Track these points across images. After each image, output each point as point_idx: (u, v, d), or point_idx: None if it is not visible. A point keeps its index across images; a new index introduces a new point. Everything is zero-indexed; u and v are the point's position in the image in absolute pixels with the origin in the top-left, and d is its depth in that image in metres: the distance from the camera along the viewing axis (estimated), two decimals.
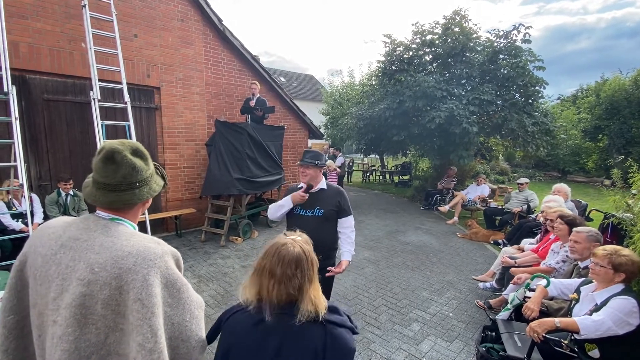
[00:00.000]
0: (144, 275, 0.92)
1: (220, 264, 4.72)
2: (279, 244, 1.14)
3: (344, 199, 2.48)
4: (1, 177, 4.18)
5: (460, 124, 7.33)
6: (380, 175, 14.96)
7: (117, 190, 1.01)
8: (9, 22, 3.96)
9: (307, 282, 1.11)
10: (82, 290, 0.90)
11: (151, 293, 0.92)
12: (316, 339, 1.07)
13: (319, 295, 1.14)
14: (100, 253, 0.94)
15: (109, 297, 0.91)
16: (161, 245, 1.03)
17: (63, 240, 0.97)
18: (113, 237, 0.98)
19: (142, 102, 5.61)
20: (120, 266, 0.92)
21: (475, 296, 3.85)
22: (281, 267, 1.08)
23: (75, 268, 0.92)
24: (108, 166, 1.00)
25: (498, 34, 8.55)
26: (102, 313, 0.91)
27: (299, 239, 1.18)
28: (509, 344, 2.16)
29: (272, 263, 1.10)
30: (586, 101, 16.44)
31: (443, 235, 6.37)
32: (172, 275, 1.00)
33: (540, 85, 8.26)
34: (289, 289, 1.07)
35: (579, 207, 5.08)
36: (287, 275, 1.07)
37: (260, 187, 6.20)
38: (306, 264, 1.11)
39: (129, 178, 1.02)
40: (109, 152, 1.00)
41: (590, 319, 1.89)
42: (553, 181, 12.88)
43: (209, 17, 6.15)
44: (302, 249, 1.13)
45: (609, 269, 1.99)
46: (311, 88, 28.64)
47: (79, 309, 0.89)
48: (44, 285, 0.95)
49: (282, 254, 1.10)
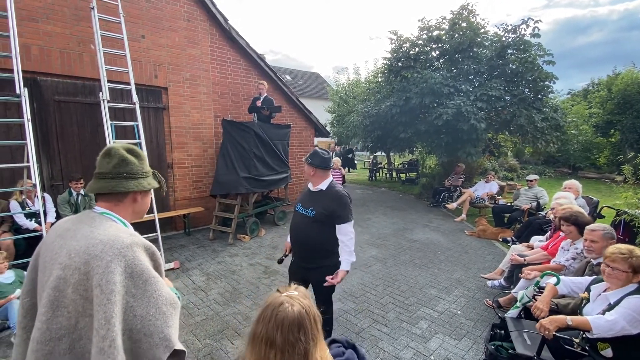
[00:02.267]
0: (107, 262, 0.97)
1: (229, 262, 4.76)
2: (274, 304, 0.99)
3: (341, 206, 2.33)
4: (15, 177, 4.27)
5: (468, 121, 7.25)
6: (387, 173, 14.89)
7: (106, 178, 1.15)
8: (20, 25, 4.03)
9: (313, 345, 0.98)
10: (59, 273, 0.98)
11: (110, 280, 0.95)
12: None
13: (325, 355, 1.03)
14: (80, 240, 1.02)
15: (78, 281, 0.97)
16: (133, 237, 1.07)
17: (60, 231, 1.09)
18: (94, 227, 1.06)
19: (150, 102, 5.67)
20: (89, 252, 0.98)
21: (483, 294, 3.82)
22: (281, 334, 0.94)
23: (59, 254, 1.02)
24: (104, 159, 1.17)
25: (506, 28, 8.42)
26: (72, 297, 0.97)
27: (296, 294, 1.04)
28: (518, 342, 2.15)
29: (270, 330, 0.95)
30: (598, 95, 16.09)
31: (451, 232, 6.33)
32: (139, 266, 1.02)
33: (550, 80, 8.12)
34: (294, 357, 0.94)
35: (590, 204, 5.00)
36: (290, 342, 0.94)
37: (267, 186, 6.23)
38: (309, 323, 0.98)
39: (118, 168, 1.16)
40: (107, 148, 1.19)
41: (603, 319, 1.87)
42: (563, 177, 12.67)
43: (215, 17, 6.18)
44: (302, 306, 0.99)
45: (630, 273, 1.94)
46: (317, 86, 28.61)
47: (54, 291, 0.97)
48: (42, 271, 1.06)
49: (280, 317, 0.95)
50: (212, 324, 3.19)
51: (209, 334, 3.03)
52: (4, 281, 3.16)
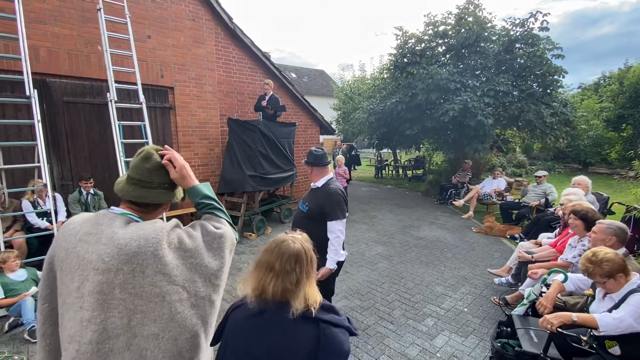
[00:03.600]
0: (152, 252, 1.00)
1: (235, 259, 4.80)
2: (279, 240, 1.18)
3: (330, 202, 2.33)
4: (26, 177, 4.36)
5: (475, 116, 7.18)
6: (393, 170, 14.82)
7: (147, 187, 1.13)
8: (28, 27, 4.09)
9: (305, 278, 1.13)
10: (99, 278, 0.99)
11: (166, 263, 1.02)
12: (309, 338, 1.07)
13: (313, 291, 1.15)
14: (107, 244, 1.02)
15: (124, 281, 0.99)
16: (157, 223, 1.10)
17: (80, 235, 1.07)
18: (114, 227, 1.06)
19: (157, 102, 5.72)
20: (126, 252, 1.00)
21: (490, 291, 3.80)
22: (280, 262, 1.12)
23: (90, 259, 1.02)
24: (144, 164, 1.12)
25: (514, 22, 8.30)
26: (121, 297, 0.99)
27: (299, 237, 1.21)
28: (525, 339, 2.13)
29: (272, 258, 1.13)
30: (609, 89, 15.77)
31: (458, 229, 6.28)
32: (178, 237, 1.08)
33: (559, 74, 7.98)
34: (286, 284, 1.10)
35: (600, 200, 4.92)
36: (286, 270, 1.11)
37: (273, 184, 6.26)
38: (305, 259, 1.15)
39: (161, 178, 1.14)
40: (146, 152, 1.14)
41: (610, 316, 1.85)
42: (573, 173, 12.45)
43: (220, 16, 6.20)
44: (302, 246, 1.17)
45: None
46: (322, 83, 28.56)
47: (100, 295, 0.99)
48: (68, 276, 1.05)
49: (283, 249, 1.14)
50: (218, 320, 3.23)
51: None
52: (17, 279, 3.25)
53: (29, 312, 2.99)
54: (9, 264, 3.25)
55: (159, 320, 1.00)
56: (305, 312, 1.09)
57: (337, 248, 2.37)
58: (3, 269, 3.24)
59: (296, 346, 1.06)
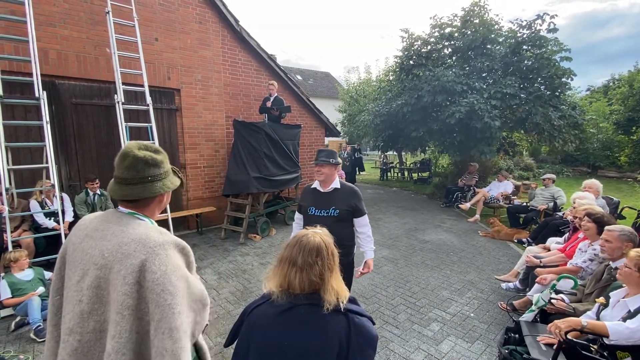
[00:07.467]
0: (141, 260, 0.99)
1: (240, 261, 4.80)
2: (299, 235, 1.22)
3: (358, 199, 2.46)
4: (35, 177, 4.41)
5: (481, 119, 7.11)
6: (398, 172, 14.75)
7: (130, 184, 1.13)
8: (38, 30, 4.16)
9: (328, 271, 1.16)
10: (97, 273, 1.01)
11: (164, 277, 1.00)
12: (340, 328, 1.10)
13: (340, 284, 1.18)
14: (111, 240, 1.04)
15: (115, 279, 1.00)
16: (164, 235, 1.09)
17: (88, 231, 1.10)
18: (123, 226, 1.07)
19: (163, 103, 5.77)
20: (122, 251, 1.01)
21: (497, 297, 3.74)
22: (302, 256, 1.14)
23: (92, 254, 1.04)
24: (122, 162, 1.13)
25: (521, 24, 8.20)
26: (113, 296, 1.00)
27: (320, 232, 1.25)
28: (533, 347, 2.09)
29: (293, 253, 1.16)
30: (618, 92, 15.55)
31: (464, 233, 6.22)
32: (169, 266, 1.03)
33: (567, 77, 7.88)
34: (311, 276, 1.12)
35: (610, 204, 4.84)
36: (309, 263, 1.13)
37: (278, 186, 6.26)
38: (326, 252, 1.17)
39: (141, 172, 1.13)
40: (123, 151, 1.15)
41: (623, 326, 1.80)
42: (582, 177, 12.28)
43: (226, 19, 6.24)
44: (322, 240, 1.20)
45: (634, 271, 1.88)
46: (327, 85, 28.59)
47: (97, 289, 1.01)
48: (71, 269, 1.08)
49: (303, 243, 1.17)
50: (223, 322, 3.23)
51: (220, 332, 3.06)
52: (24, 278, 3.27)
53: (35, 312, 3.01)
54: (20, 262, 3.29)
55: (117, 337, 0.97)
56: (336, 306, 1.12)
57: (372, 237, 2.54)
58: (11, 269, 3.28)
59: (328, 338, 1.09)
